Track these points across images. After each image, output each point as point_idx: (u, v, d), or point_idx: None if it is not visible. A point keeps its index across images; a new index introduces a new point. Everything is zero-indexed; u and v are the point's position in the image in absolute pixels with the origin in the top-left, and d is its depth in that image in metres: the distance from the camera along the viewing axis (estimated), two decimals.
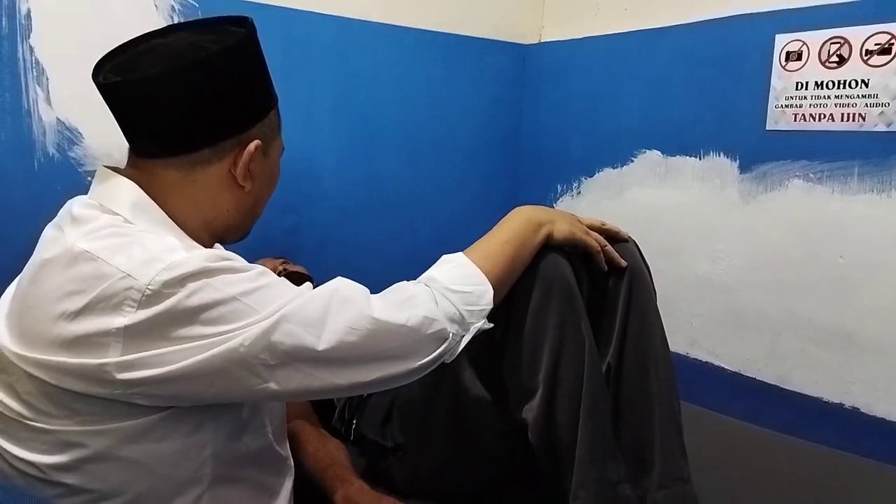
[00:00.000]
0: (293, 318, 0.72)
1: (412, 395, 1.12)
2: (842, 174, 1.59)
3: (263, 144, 0.84)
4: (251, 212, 0.89)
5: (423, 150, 2.14)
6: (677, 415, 1.02)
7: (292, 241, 1.85)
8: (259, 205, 0.90)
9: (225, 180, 0.82)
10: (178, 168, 0.80)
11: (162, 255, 0.69)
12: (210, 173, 0.81)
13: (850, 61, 1.55)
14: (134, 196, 0.77)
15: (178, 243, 0.72)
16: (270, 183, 0.91)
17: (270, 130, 0.86)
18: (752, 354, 1.78)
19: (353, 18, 1.91)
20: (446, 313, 0.83)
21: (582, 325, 0.97)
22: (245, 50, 0.82)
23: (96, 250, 0.69)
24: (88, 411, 0.70)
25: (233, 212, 0.85)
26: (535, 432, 0.96)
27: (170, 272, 0.67)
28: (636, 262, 1.08)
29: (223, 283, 0.70)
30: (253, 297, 0.71)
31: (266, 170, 0.87)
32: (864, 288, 1.56)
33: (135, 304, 0.66)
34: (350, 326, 0.74)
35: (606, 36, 2.09)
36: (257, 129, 0.83)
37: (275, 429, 0.89)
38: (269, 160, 0.87)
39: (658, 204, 1.98)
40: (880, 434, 1.52)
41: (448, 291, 0.84)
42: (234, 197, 0.84)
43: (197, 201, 0.81)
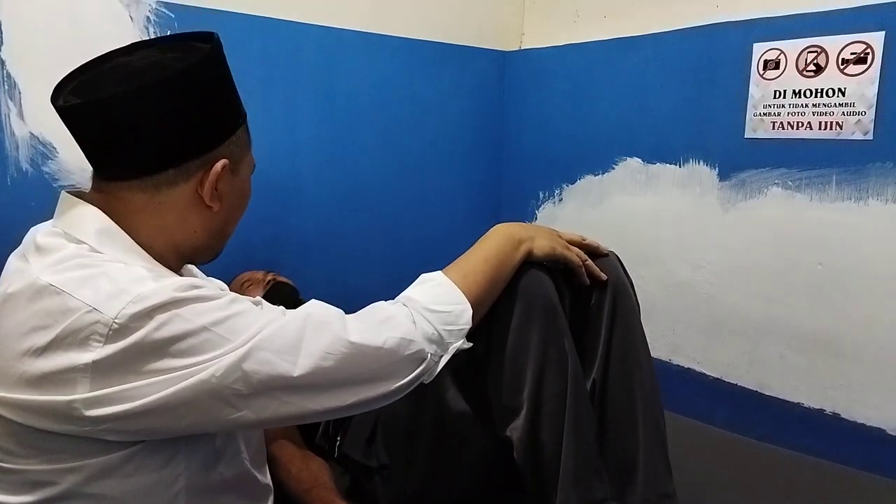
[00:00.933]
0: (267, 345, 0.70)
1: (396, 413, 1.11)
2: (820, 182, 1.60)
3: (231, 163, 0.81)
4: (221, 232, 0.87)
5: (404, 157, 2.13)
6: (662, 430, 1.02)
7: (273, 253, 1.84)
8: (229, 224, 0.88)
9: (192, 201, 0.80)
10: (143, 190, 0.77)
11: (129, 287, 0.67)
12: (176, 194, 0.79)
13: (827, 70, 1.57)
14: (99, 223, 0.75)
15: (147, 273, 0.71)
16: (241, 202, 0.88)
17: (239, 148, 0.84)
18: (733, 361, 1.79)
19: (334, 27, 1.89)
20: (424, 334, 0.82)
21: (565, 343, 0.97)
22: (209, 67, 0.79)
23: (61, 283, 0.67)
24: (57, 449, 0.68)
25: (201, 233, 0.83)
26: (520, 451, 0.96)
27: (137, 305, 0.66)
28: (619, 276, 1.08)
29: (193, 314, 0.68)
30: (224, 325, 0.69)
31: (235, 188, 0.84)
32: (842, 294, 1.58)
33: (102, 338, 0.64)
34: (326, 351, 0.73)
35: (586, 43, 2.10)
36: (224, 147, 0.81)
37: (252, 455, 0.88)
38: (239, 178, 0.85)
39: (639, 211, 1.99)
40: (860, 439, 1.54)
41: (426, 311, 0.83)
42: (202, 218, 0.82)
43: (164, 224, 0.79)
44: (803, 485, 1.25)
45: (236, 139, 0.83)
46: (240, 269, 1.73)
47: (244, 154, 0.86)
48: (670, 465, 1.01)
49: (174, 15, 1.59)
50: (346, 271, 2.04)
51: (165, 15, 1.58)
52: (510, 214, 2.40)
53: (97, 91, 0.75)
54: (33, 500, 0.69)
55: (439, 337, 0.83)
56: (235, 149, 0.83)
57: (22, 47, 1.40)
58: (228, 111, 0.83)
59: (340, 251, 2.02)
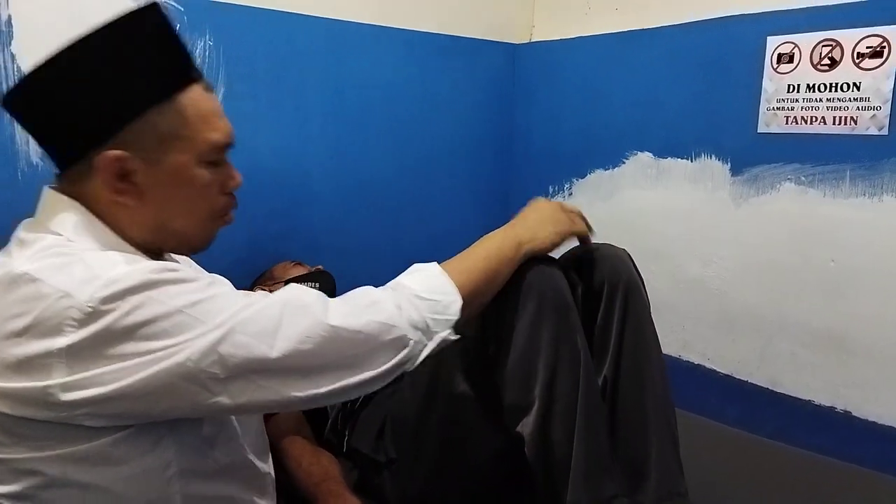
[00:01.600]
0: (244, 328, 0.69)
1: (405, 408, 1.11)
2: (833, 177, 1.58)
3: (144, 151, 0.74)
4: (163, 228, 0.79)
5: (413, 151, 2.13)
6: (674, 428, 1.02)
7: (281, 247, 1.84)
8: (174, 219, 0.80)
9: (110, 196, 0.75)
10: (74, 183, 0.75)
11: (102, 271, 0.67)
12: (94, 188, 0.74)
13: (842, 64, 1.55)
14: (75, 214, 0.74)
15: (121, 258, 0.70)
16: (176, 193, 0.78)
17: (154, 134, 0.74)
18: (744, 357, 1.78)
19: (342, 20, 1.88)
20: (409, 320, 0.79)
21: (577, 339, 0.96)
22: (96, 48, 0.72)
23: (36, 271, 0.67)
24: (40, 436, 0.68)
25: (137, 229, 0.78)
26: (531, 448, 0.95)
27: (109, 288, 0.65)
28: (630, 273, 1.07)
29: (166, 296, 0.67)
30: (199, 307, 0.68)
31: (165, 179, 0.76)
32: (855, 291, 1.56)
33: (76, 323, 0.64)
34: (305, 334, 0.71)
35: (597, 36, 2.08)
36: (127, 135, 0.73)
37: (251, 442, 0.87)
38: (166, 167, 0.76)
39: (650, 206, 1.98)
40: (871, 437, 1.53)
41: (415, 298, 0.81)
42: (128, 212, 0.76)
43: (105, 218, 0.76)
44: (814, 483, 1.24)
45: (146, 125, 0.74)
46: (248, 263, 1.73)
47: (169, 140, 0.75)
48: (681, 463, 1.00)
49: (183, 9, 1.58)
50: (355, 266, 2.03)
51: (175, 9, 1.57)
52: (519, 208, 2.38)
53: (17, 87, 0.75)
54: (20, 489, 0.69)
55: (425, 325, 0.81)
56: (147, 136, 0.74)
57: (32, 42, 1.40)
58: (125, 94, 0.74)
59: (349, 246, 2.01)
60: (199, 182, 0.79)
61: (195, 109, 0.77)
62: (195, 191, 0.80)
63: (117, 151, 0.73)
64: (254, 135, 1.76)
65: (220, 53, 1.67)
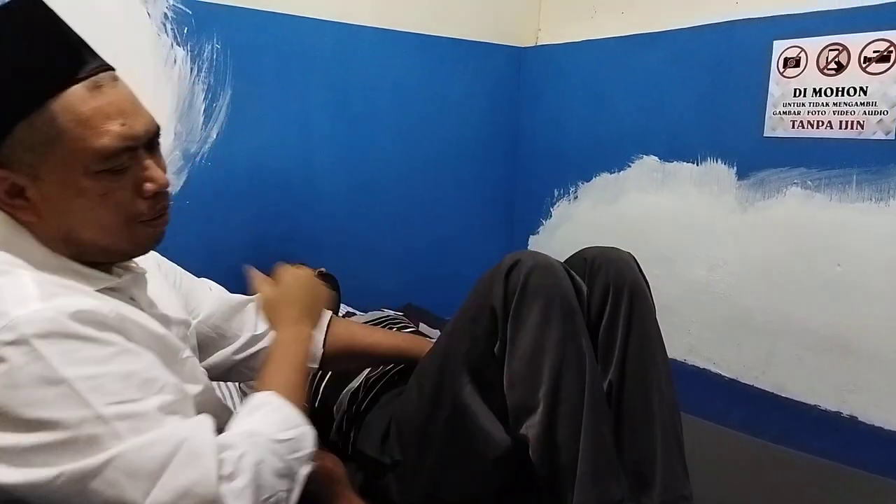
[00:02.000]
0: (124, 463, 0.59)
1: (411, 410, 1.11)
2: (840, 182, 1.58)
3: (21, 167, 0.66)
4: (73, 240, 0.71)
5: (418, 154, 2.13)
6: (679, 432, 1.01)
7: (286, 248, 1.84)
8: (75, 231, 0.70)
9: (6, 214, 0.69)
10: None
11: (10, 307, 0.60)
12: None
13: (849, 68, 1.55)
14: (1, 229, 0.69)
15: (36, 291, 0.63)
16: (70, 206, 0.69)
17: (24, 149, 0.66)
18: (750, 362, 1.78)
19: (349, 24, 1.89)
20: (275, 471, 0.70)
21: (583, 342, 0.96)
22: None
23: None
24: None
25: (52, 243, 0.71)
26: (536, 450, 0.95)
27: (9, 332, 0.59)
28: (636, 277, 1.07)
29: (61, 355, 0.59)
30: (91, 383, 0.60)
31: (58, 192, 0.67)
32: (861, 296, 1.56)
33: None
34: (186, 491, 0.61)
35: (603, 39, 2.09)
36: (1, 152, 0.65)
37: None
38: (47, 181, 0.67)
39: (655, 210, 1.98)
40: (878, 442, 1.53)
41: (273, 444, 0.72)
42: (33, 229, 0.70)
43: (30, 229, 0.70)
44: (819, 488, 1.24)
45: (15, 141, 0.65)
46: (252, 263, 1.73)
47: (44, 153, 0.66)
48: (687, 466, 1.00)
49: (191, 11, 1.60)
50: (360, 267, 2.04)
51: (182, 11, 1.59)
52: (524, 212, 2.39)
53: None
54: None
55: (289, 470, 0.73)
56: (19, 152, 0.65)
57: None
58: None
59: (354, 246, 2.02)
60: (92, 193, 0.68)
61: (72, 115, 0.66)
62: (90, 202, 0.69)
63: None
64: (260, 137, 1.77)
65: (228, 56, 1.68)
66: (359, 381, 1.30)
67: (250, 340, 1.04)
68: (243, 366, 1.06)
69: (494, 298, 0.98)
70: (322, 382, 1.34)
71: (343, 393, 1.30)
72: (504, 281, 0.98)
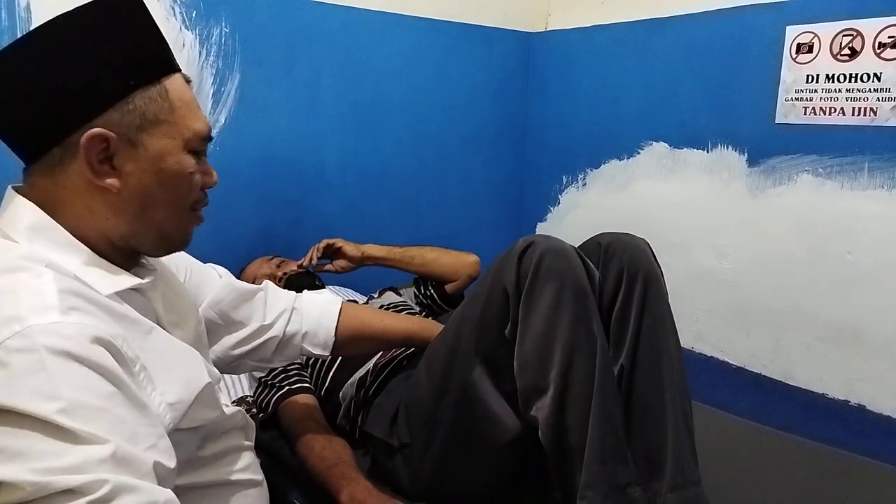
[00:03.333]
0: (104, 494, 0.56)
1: (420, 392, 1.11)
2: (852, 169, 1.57)
3: (127, 133, 0.70)
4: (143, 217, 0.74)
5: (428, 139, 2.13)
6: (689, 419, 1.01)
7: (295, 234, 1.84)
8: (154, 208, 0.75)
9: (89, 182, 0.70)
10: (45, 175, 0.70)
11: (27, 313, 0.60)
12: (70, 175, 0.70)
13: (863, 54, 1.53)
14: (29, 218, 0.69)
15: (57, 302, 0.62)
16: (162, 179, 0.74)
17: (139, 116, 0.71)
18: (758, 350, 1.78)
19: (358, 8, 1.88)
20: None
21: (594, 326, 0.96)
22: (73, 28, 0.69)
23: None
24: None
25: (114, 219, 0.72)
26: (546, 431, 0.95)
27: (21, 339, 0.58)
28: (650, 264, 1.07)
29: (59, 379, 0.57)
30: (86, 413, 0.57)
31: (146, 165, 0.72)
32: (871, 284, 1.55)
33: None
34: None
35: (613, 25, 2.07)
36: (111, 116, 0.69)
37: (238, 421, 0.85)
38: (148, 152, 0.72)
39: (664, 197, 1.97)
40: (886, 431, 1.52)
41: None
42: (106, 200, 0.71)
43: (77, 211, 0.71)
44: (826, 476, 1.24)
45: (131, 106, 0.70)
46: (262, 251, 1.74)
47: (152, 124, 0.72)
48: (696, 453, 1.00)
49: None
50: None
51: None
52: (533, 198, 2.39)
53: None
54: None
55: None
56: (131, 117, 0.70)
57: None
58: (109, 73, 0.70)
59: (362, 234, 2.01)
60: (183, 168, 0.75)
61: (179, 96, 0.74)
62: (180, 178, 0.75)
63: (101, 129, 0.68)
64: (268, 122, 1.77)
65: (236, 41, 1.67)
66: (367, 367, 1.31)
67: (258, 330, 1.05)
68: (251, 357, 1.06)
69: (507, 281, 0.99)
70: (330, 369, 1.35)
71: (351, 379, 1.30)
72: (517, 263, 0.98)
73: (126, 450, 0.59)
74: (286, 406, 1.25)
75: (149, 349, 0.70)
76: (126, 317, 0.70)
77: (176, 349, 0.76)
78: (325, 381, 1.35)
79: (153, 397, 0.68)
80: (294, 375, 1.32)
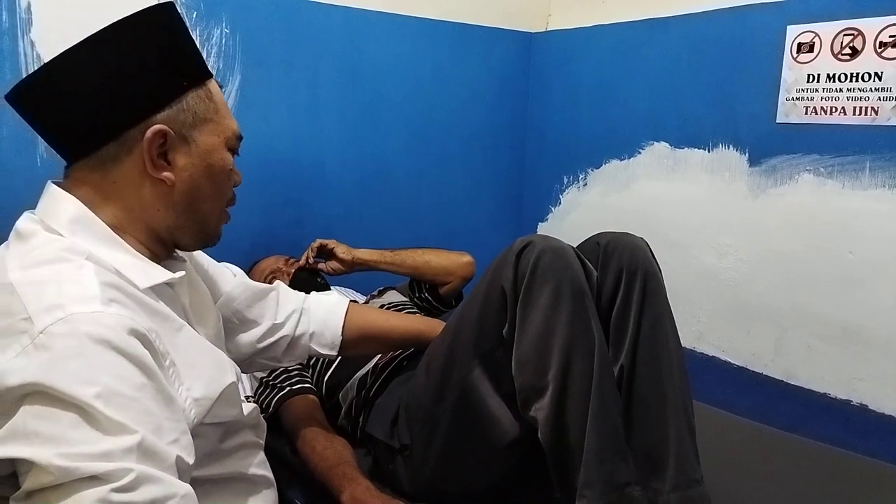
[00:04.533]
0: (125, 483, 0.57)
1: (420, 394, 1.11)
2: (853, 169, 1.57)
3: (180, 130, 0.76)
4: (191, 209, 0.80)
5: (428, 139, 2.13)
6: (691, 417, 1.01)
7: (295, 236, 1.84)
8: (201, 201, 0.81)
9: (142, 176, 0.75)
10: (94, 170, 0.74)
11: (68, 302, 0.62)
12: (124, 170, 0.74)
13: (864, 53, 1.53)
14: (71, 211, 0.72)
15: (98, 292, 0.65)
16: (209, 173, 0.80)
17: (191, 115, 0.77)
18: (759, 349, 1.77)
19: (358, 8, 1.88)
20: None
21: (592, 325, 0.96)
22: (136, 29, 0.74)
23: (18, 283, 0.65)
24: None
25: (164, 210, 0.77)
26: (545, 431, 0.95)
27: (64, 325, 0.60)
28: (649, 262, 1.06)
29: (98, 366, 0.60)
30: (120, 400, 0.59)
31: (196, 160, 0.78)
32: (873, 284, 1.55)
33: (21, 349, 0.60)
34: None
35: (614, 24, 2.07)
36: (167, 114, 0.75)
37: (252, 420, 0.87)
38: (199, 148, 0.78)
39: (665, 196, 1.96)
40: (887, 430, 1.52)
41: None
42: (158, 193, 0.76)
43: (126, 204, 0.76)
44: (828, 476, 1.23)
45: (185, 105, 0.77)
46: (263, 251, 1.74)
47: (202, 122, 0.78)
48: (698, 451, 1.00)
49: None
50: None
51: None
52: (533, 198, 2.39)
53: (35, 74, 0.73)
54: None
55: None
56: (184, 115, 0.76)
57: (51, 29, 1.41)
58: (167, 74, 0.76)
59: (362, 233, 2.01)
60: (226, 164, 0.83)
61: (218, 98, 0.82)
62: (223, 173, 0.83)
63: (162, 125, 0.74)
64: (269, 122, 1.77)
65: (237, 41, 1.67)
66: (367, 367, 1.31)
67: (271, 329, 1.07)
68: (262, 356, 1.08)
69: (504, 280, 0.99)
70: (329, 370, 1.35)
71: (352, 380, 1.30)
72: (515, 263, 0.98)
73: (151, 441, 0.60)
74: (287, 406, 1.26)
75: (178, 345, 0.73)
76: (159, 312, 0.73)
77: (201, 347, 0.79)
78: (326, 382, 1.35)
79: (180, 392, 0.71)
80: (296, 376, 1.32)
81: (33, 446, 0.57)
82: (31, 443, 0.57)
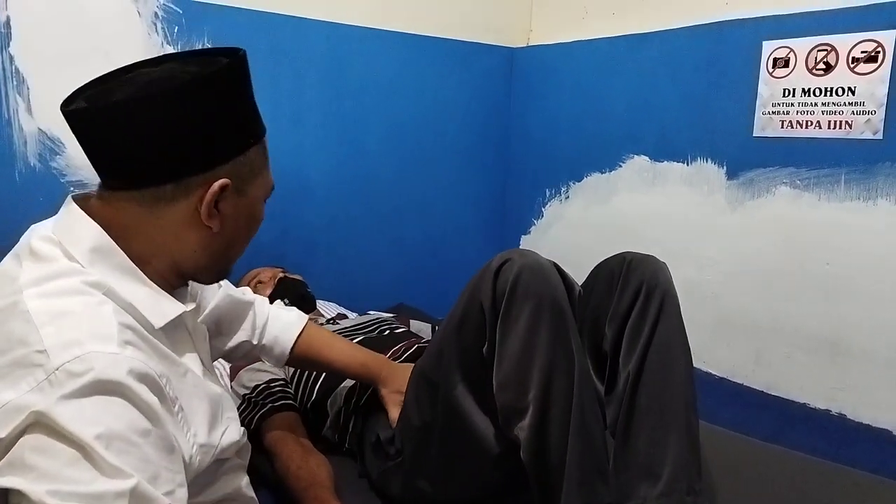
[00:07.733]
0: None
1: (410, 406, 1.11)
2: (828, 181, 1.59)
3: (238, 183, 0.78)
4: (223, 255, 0.82)
5: (410, 154, 2.13)
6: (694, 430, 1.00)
7: (280, 248, 1.84)
8: (233, 247, 0.84)
9: (191, 219, 0.76)
10: (141, 203, 0.74)
11: (87, 339, 0.63)
12: (175, 210, 0.75)
13: (837, 69, 1.56)
14: (94, 240, 0.72)
15: (116, 333, 0.65)
16: (249, 223, 0.83)
17: (248, 169, 0.79)
18: (739, 361, 1.79)
19: (342, 24, 1.89)
20: None
21: (573, 345, 0.96)
22: (221, 82, 0.76)
23: (36, 313, 0.64)
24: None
25: (200, 253, 0.79)
26: (527, 452, 0.95)
27: (80, 363, 0.61)
28: (669, 282, 1.07)
29: (104, 407, 0.60)
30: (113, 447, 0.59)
31: (242, 210, 0.80)
32: (850, 294, 1.57)
33: (34, 383, 0.60)
34: None
35: (594, 40, 2.09)
36: (230, 166, 0.77)
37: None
38: (247, 200, 0.80)
39: (645, 209, 1.98)
40: (866, 440, 1.54)
41: None
42: (201, 237, 0.78)
43: (162, 241, 0.76)
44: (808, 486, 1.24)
45: (246, 160, 0.79)
46: (246, 264, 1.73)
47: (256, 175, 0.81)
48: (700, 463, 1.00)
49: (181, 10, 1.59)
50: (352, 267, 2.04)
51: (173, 10, 1.58)
52: (516, 211, 2.40)
53: (106, 97, 0.73)
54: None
55: None
56: (244, 169, 0.79)
57: (31, 43, 1.40)
58: (238, 129, 0.79)
59: (346, 247, 2.02)
60: (261, 215, 0.85)
61: (267, 154, 0.85)
62: (258, 223, 0.85)
63: (226, 180, 0.75)
64: None
65: None
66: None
67: (243, 343, 1.12)
68: (220, 356, 1.13)
69: (483, 298, 0.98)
70: (317, 380, 1.34)
71: (338, 389, 1.30)
72: (493, 281, 0.98)
73: (145, 488, 0.60)
74: (268, 424, 1.25)
75: (184, 391, 0.73)
76: (168, 357, 0.74)
77: (204, 393, 0.80)
78: (313, 394, 1.34)
79: (188, 437, 0.72)
80: (278, 392, 1.31)
81: (27, 479, 0.57)
82: (25, 475, 0.57)
